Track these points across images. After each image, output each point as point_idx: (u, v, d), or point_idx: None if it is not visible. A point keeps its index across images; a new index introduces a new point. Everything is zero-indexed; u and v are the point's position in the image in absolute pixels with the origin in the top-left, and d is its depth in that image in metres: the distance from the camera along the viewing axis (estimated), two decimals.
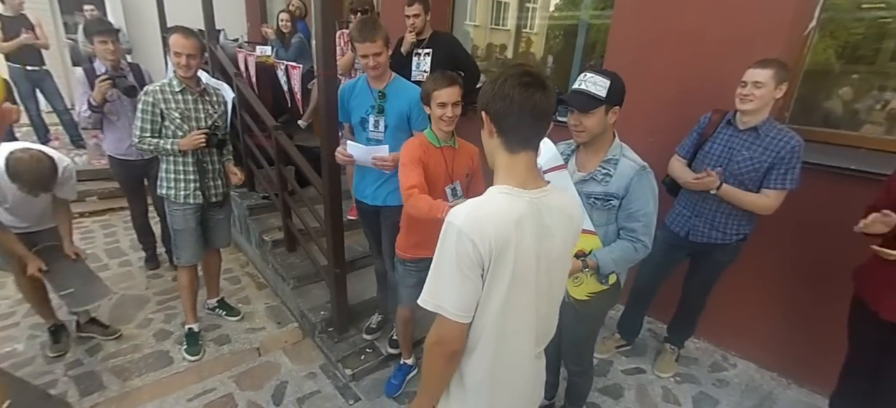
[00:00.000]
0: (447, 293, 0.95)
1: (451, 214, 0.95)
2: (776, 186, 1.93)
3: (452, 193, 1.93)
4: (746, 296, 2.52)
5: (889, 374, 1.80)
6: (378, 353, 2.61)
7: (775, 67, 1.88)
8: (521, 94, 0.93)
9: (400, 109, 2.17)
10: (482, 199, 0.98)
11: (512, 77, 0.94)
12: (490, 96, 0.97)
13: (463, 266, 0.93)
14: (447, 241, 0.94)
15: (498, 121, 0.98)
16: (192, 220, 2.43)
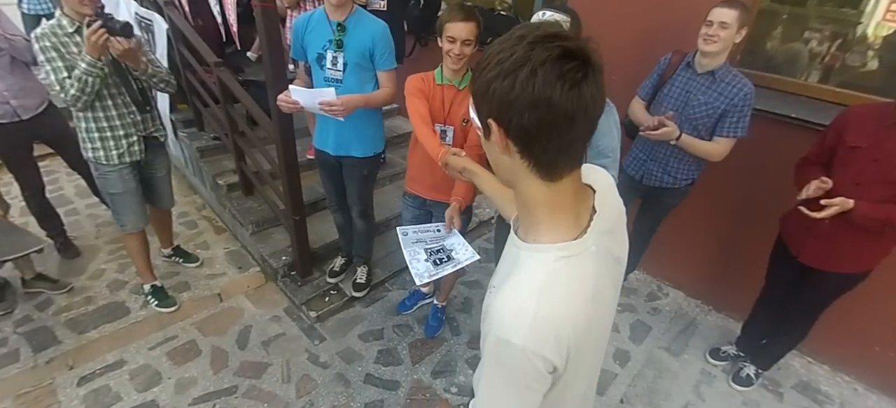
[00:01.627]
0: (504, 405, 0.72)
1: (500, 320, 0.66)
2: (728, 134, 1.97)
3: (441, 137, 1.86)
4: (683, 232, 2.72)
5: (794, 308, 2.07)
6: (342, 294, 2.70)
7: (740, 9, 1.85)
8: (567, 96, 0.56)
9: (361, 44, 1.96)
10: (537, 282, 0.65)
11: (546, 65, 0.55)
12: (506, 98, 0.58)
13: (533, 382, 0.68)
14: (506, 364, 0.67)
15: (527, 140, 0.61)
16: (132, 180, 2.21)
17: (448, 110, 1.86)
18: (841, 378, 2.43)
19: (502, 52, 0.58)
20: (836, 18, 2.39)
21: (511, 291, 0.66)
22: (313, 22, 2.00)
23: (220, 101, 2.78)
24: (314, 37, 2.00)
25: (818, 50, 2.44)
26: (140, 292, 2.58)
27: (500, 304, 0.66)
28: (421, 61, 3.66)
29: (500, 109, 0.59)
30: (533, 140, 0.61)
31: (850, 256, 1.80)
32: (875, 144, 1.65)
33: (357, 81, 2.02)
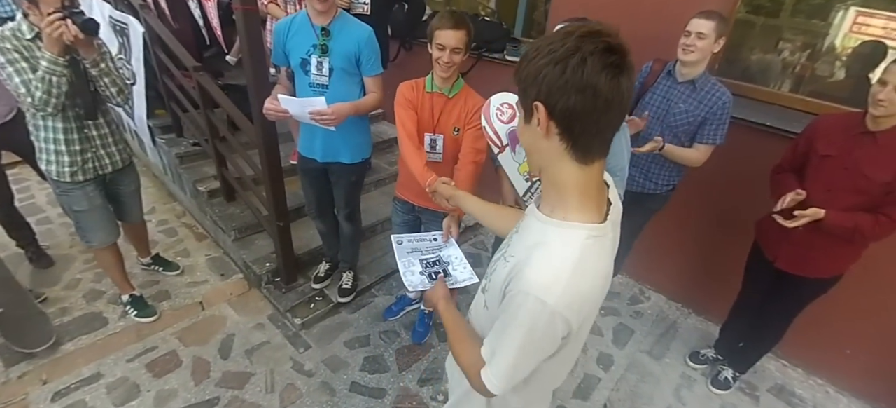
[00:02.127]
0: (515, 374, 0.82)
1: (533, 281, 0.73)
2: (707, 141, 2.02)
3: (430, 145, 1.86)
4: (665, 236, 2.78)
5: (770, 311, 2.13)
6: (328, 301, 2.68)
7: (717, 19, 1.89)
8: (609, 84, 0.64)
9: (347, 49, 1.92)
10: (571, 255, 0.73)
11: (594, 55, 0.64)
12: (556, 83, 0.66)
13: (548, 345, 0.78)
14: (531, 321, 0.74)
15: (570, 121, 0.68)
16: (98, 196, 2.11)
17: (437, 119, 1.84)
18: (814, 381, 2.51)
19: (553, 43, 0.66)
20: (806, 30, 2.48)
21: (547, 259, 0.74)
22: (296, 26, 1.94)
23: (201, 106, 2.72)
24: (297, 41, 1.94)
25: (790, 60, 2.54)
26: (118, 302, 2.52)
27: (537, 268, 0.74)
28: (406, 66, 3.66)
29: (550, 91, 0.67)
30: (574, 122, 0.68)
31: (823, 261, 1.86)
32: (844, 152, 1.71)
33: (344, 87, 2.00)
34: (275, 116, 1.89)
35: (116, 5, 2.90)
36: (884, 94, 1.54)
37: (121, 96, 2.05)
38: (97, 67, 1.91)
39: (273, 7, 2.86)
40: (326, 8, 1.86)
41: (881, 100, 1.55)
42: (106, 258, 2.32)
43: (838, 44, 2.38)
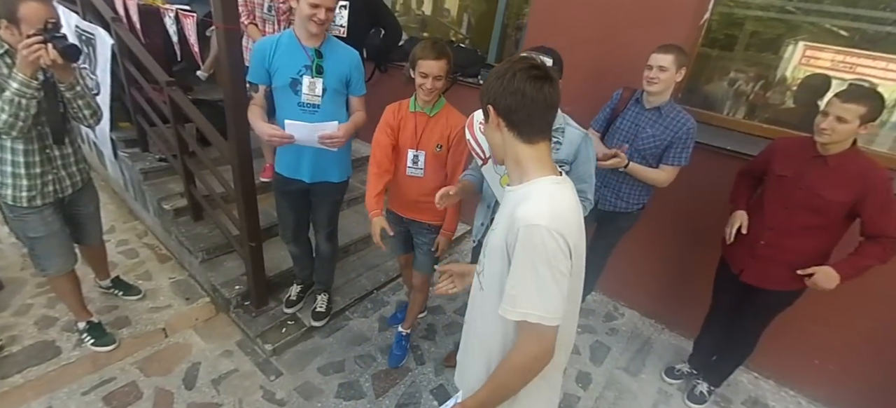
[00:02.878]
0: (547, 300, 0.91)
1: (525, 216, 0.92)
2: (672, 163, 2.13)
3: (412, 161, 1.98)
4: (636, 254, 2.85)
5: (739, 324, 2.22)
6: (300, 325, 2.58)
7: (675, 53, 2.02)
8: (532, 88, 0.94)
9: (340, 71, 1.97)
10: (546, 192, 0.96)
11: (520, 71, 0.95)
12: (498, 91, 0.97)
13: (559, 265, 0.91)
14: (535, 244, 0.90)
15: (509, 115, 0.98)
16: (56, 220, 1.96)
17: (420, 137, 1.96)
18: (786, 392, 2.61)
19: (499, 68, 0.99)
20: (759, 62, 2.69)
21: (528, 203, 0.94)
22: (283, 46, 1.93)
23: (171, 120, 2.62)
24: (286, 61, 1.93)
25: (745, 90, 2.74)
26: (73, 330, 2.33)
27: (524, 210, 0.93)
28: (380, 87, 3.67)
29: (494, 96, 0.99)
30: (512, 114, 0.98)
31: (787, 276, 1.96)
32: (799, 174, 1.85)
33: (334, 106, 2.03)
34: (280, 142, 1.90)
35: (84, 16, 2.78)
36: (826, 123, 1.70)
37: (93, 118, 1.94)
38: (72, 90, 1.81)
39: (252, 28, 2.83)
40: (322, 31, 1.88)
41: (824, 129, 1.71)
42: (62, 285, 2.15)
43: (789, 75, 2.59)
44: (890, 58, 2.24)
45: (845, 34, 2.38)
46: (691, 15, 2.39)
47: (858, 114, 1.64)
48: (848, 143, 1.74)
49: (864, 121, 1.65)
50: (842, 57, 2.38)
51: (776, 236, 1.93)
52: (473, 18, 4.19)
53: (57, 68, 1.67)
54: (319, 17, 1.80)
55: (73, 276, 2.17)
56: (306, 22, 1.82)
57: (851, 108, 1.64)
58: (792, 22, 2.50)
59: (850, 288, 2.22)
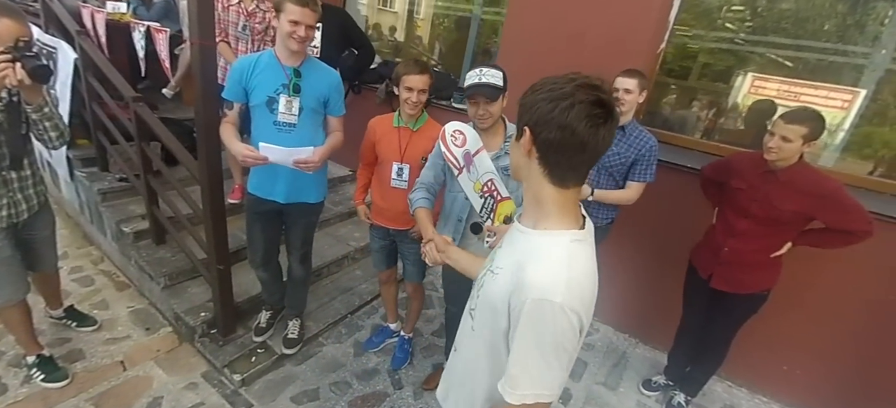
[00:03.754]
0: (549, 381, 0.81)
1: (537, 285, 0.78)
2: (639, 179, 2.24)
3: (397, 174, 2.05)
4: (608, 270, 2.89)
5: (711, 332, 2.30)
6: (271, 352, 2.45)
7: (638, 77, 2.16)
8: (587, 131, 0.76)
9: (319, 91, 1.97)
10: (562, 254, 0.81)
11: (582, 105, 0.75)
12: (544, 117, 0.78)
13: (567, 343, 0.79)
14: (545, 323, 0.77)
15: (548, 151, 0.81)
16: (8, 247, 1.84)
17: (404, 150, 2.03)
18: (759, 399, 2.70)
19: (556, 83, 0.79)
20: (712, 90, 2.90)
21: (541, 264, 0.81)
22: (262, 65, 1.91)
23: (136, 138, 2.50)
24: (263, 80, 1.91)
25: (700, 115, 2.95)
26: (21, 365, 2.12)
27: (534, 274, 0.79)
28: (353, 108, 3.65)
29: (537, 121, 0.79)
30: (551, 152, 0.81)
31: (751, 278, 2.08)
32: (753, 187, 1.99)
33: (310, 126, 2.01)
34: (253, 162, 1.85)
35: (47, 29, 2.65)
36: (773, 142, 1.86)
37: (59, 140, 1.82)
38: (40, 112, 1.70)
39: (223, 46, 2.78)
40: (302, 49, 1.88)
41: (771, 148, 1.87)
42: (12, 316, 1.97)
43: (740, 102, 2.81)
44: (830, 87, 2.48)
45: (790, 65, 2.63)
46: (649, 44, 2.57)
47: (801, 134, 1.79)
48: (795, 159, 1.89)
49: (806, 140, 1.81)
50: (787, 86, 2.61)
51: (738, 243, 2.06)
52: (445, 46, 4.30)
53: (25, 88, 1.58)
54: (299, 35, 1.80)
55: (24, 305, 2.00)
56: (286, 39, 1.82)
57: (794, 128, 1.80)
58: (740, 54, 2.73)
59: (813, 298, 2.40)
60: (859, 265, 2.26)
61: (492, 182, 1.69)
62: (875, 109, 2.39)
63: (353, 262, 3.40)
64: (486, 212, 1.73)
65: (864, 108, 2.38)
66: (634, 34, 2.55)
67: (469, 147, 1.70)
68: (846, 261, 2.23)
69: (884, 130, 2.41)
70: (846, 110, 2.44)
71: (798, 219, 1.94)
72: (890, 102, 2.37)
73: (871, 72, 2.34)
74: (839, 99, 2.45)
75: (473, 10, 3.73)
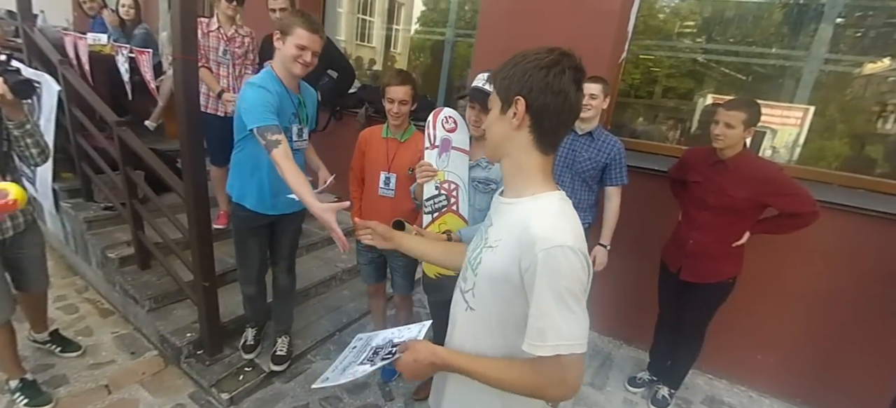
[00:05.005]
0: (574, 326, 0.79)
1: (547, 236, 0.80)
2: (615, 183, 2.36)
3: (385, 183, 2.11)
4: None
5: (686, 323, 2.39)
6: (259, 371, 2.44)
7: (602, 83, 2.30)
8: (575, 95, 0.83)
9: (310, 112, 2.07)
10: (558, 208, 0.85)
11: (571, 70, 0.81)
12: (539, 84, 0.81)
13: (582, 288, 0.81)
14: (560, 268, 0.78)
15: (541, 116, 0.84)
16: None
17: (392, 160, 2.09)
18: (738, 389, 2.77)
19: (539, 54, 0.83)
20: (675, 107, 3.13)
21: (543, 218, 0.83)
22: (281, 97, 1.86)
23: (120, 164, 2.56)
24: (282, 108, 1.87)
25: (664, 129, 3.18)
26: (4, 390, 2.08)
27: (540, 228, 0.81)
28: (335, 136, 3.76)
29: (532, 89, 0.82)
30: (545, 118, 0.84)
31: (716, 267, 2.20)
32: (707, 179, 2.14)
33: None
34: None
35: (30, 63, 2.72)
36: (718, 129, 2.02)
37: (41, 157, 1.85)
38: (21, 129, 1.73)
39: (204, 72, 2.86)
40: (305, 73, 1.86)
41: (717, 135, 2.03)
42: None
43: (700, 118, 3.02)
44: (784, 105, 2.69)
45: (743, 77, 2.83)
46: (610, 53, 2.74)
47: (741, 119, 1.96)
48: (740, 146, 2.04)
49: (747, 125, 1.97)
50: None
51: (701, 235, 2.18)
52: (421, 72, 4.47)
53: (6, 104, 1.61)
54: (305, 60, 1.79)
55: (9, 327, 1.99)
56: (291, 63, 1.80)
57: (735, 114, 1.97)
58: (698, 74, 2.97)
59: (782, 287, 2.52)
60: (813, 253, 2.41)
61: (456, 188, 1.66)
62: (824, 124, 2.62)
63: (341, 282, 3.42)
64: (430, 207, 1.69)
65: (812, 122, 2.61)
66: (596, 45, 2.72)
67: (454, 138, 1.68)
68: (801, 250, 2.40)
69: (833, 144, 2.64)
70: (799, 126, 2.66)
71: (751, 206, 2.07)
72: (836, 117, 2.61)
73: (809, 74, 2.56)
74: (793, 117, 2.67)
75: (446, 34, 3.91)
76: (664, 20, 2.98)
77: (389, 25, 4.63)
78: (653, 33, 3.00)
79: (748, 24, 2.78)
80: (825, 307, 2.46)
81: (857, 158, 2.59)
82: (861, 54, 2.52)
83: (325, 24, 4.29)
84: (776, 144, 2.78)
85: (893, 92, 2.49)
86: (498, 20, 3.04)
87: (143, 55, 2.46)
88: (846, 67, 2.55)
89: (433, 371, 0.97)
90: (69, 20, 5.33)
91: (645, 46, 3.02)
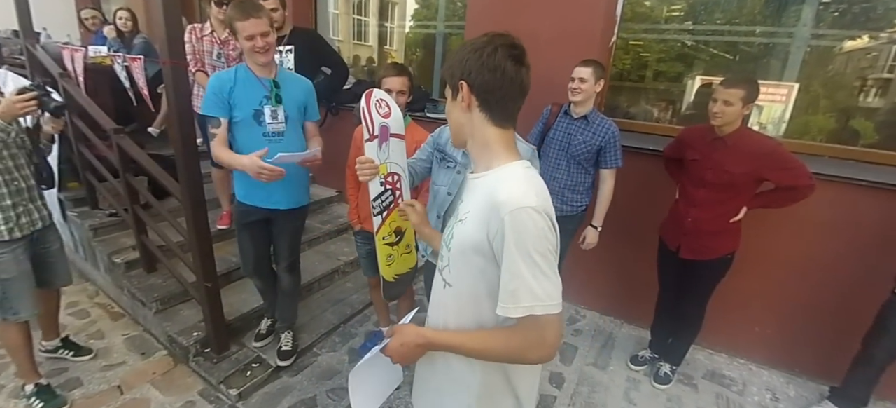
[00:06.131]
0: (546, 285, 0.82)
1: (511, 199, 0.83)
2: (611, 166, 2.38)
3: None
4: (589, 259, 2.98)
5: (685, 298, 2.40)
6: (266, 366, 2.50)
7: (594, 66, 2.31)
8: (513, 68, 0.88)
9: (298, 98, 2.07)
10: (522, 174, 0.89)
11: (502, 47, 0.87)
12: (475, 65, 0.88)
13: (550, 248, 0.84)
14: (526, 228, 0.81)
15: (484, 94, 0.90)
16: (25, 260, 1.97)
17: None
18: (738, 362, 2.79)
19: (475, 41, 0.90)
20: (667, 89, 3.12)
21: (508, 184, 0.87)
22: (241, 80, 1.98)
23: (120, 171, 2.62)
24: (245, 94, 1.98)
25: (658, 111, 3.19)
26: (20, 396, 2.16)
27: (505, 193, 0.84)
28: (333, 131, 3.80)
29: (470, 71, 0.89)
30: (489, 94, 0.90)
31: (714, 244, 2.21)
32: (705, 156, 2.14)
33: (295, 133, 2.12)
34: (270, 177, 1.89)
35: (32, 78, 2.80)
36: (717, 108, 2.02)
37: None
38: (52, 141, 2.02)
39: (201, 75, 2.91)
40: (269, 58, 1.96)
41: (716, 113, 2.03)
42: (16, 337, 2.04)
43: (692, 99, 3.01)
44: (772, 83, 2.69)
45: (730, 57, 2.83)
46: (600, 37, 2.75)
47: (740, 96, 1.95)
48: (738, 123, 2.04)
49: (745, 102, 1.96)
50: None
51: (699, 212, 2.18)
52: (416, 65, 4.50)
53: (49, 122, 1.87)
54: (259, 45, 1.87)
55: (27, 329, 2.09)
56: (251, 54, 1.92)
57: (733, 91, 1.96)
58: (689, 57, 2.97)
59: (777, 260, 2.53)
60: (805, 225, 2.42)
61: (399, 179, 1.52)
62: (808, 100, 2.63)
63: (344, 275, 3.48)
64: (379, 206, 1.54)
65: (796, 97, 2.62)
66: (585, 29, 2.73)
67: (391, 124, 1.51)
68: (795, 221, 2.40)
69: (817, 118, 2.65)
70: (784, 103, 2.66)
71: (749, 181, 2.07)
72: (820, 92, 2.61)
73: (798, 49, 2.56)
74: (778, 94, 2.68)
75: (437, 27, 3.94)
76: (652, 7, 2.99)
77: (384, 23, 4.66)
78: (642, 19, 3.01)
79: (733, 6, 2.78)
80: (820, 277, 2.46)
81: (843, 130, 2.60)
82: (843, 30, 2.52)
83: (318, 24, 4.32)
84: (762, 121, 2.79)
85: (873, 67, 2.51)
86: (485, 10, 3.06)
87: (135, 62, 2.52)
88: (831, 42, 2.55)
89: (422, 352, 1.00)
90: (72, 36, 5.42)
91: (634, 32, 3.02)
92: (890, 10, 2.40)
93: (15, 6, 2.82)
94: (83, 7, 4.97)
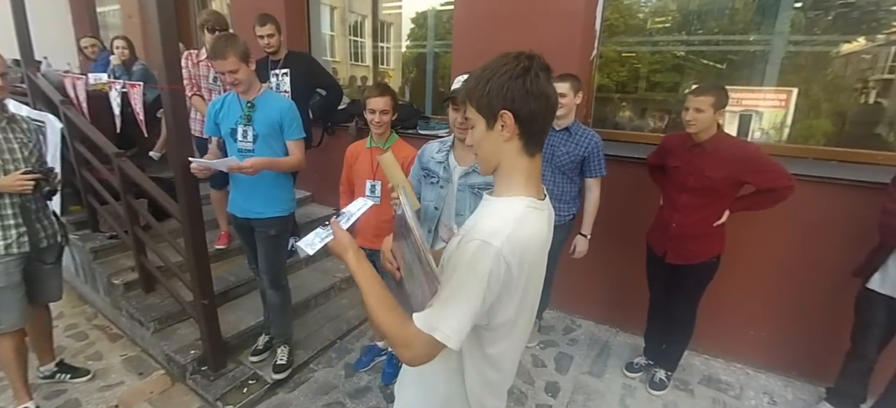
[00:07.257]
0: (456, 318, 0.82)
1: (482, 232, 0.82)
2: (595, 175, 2.43)
3: (370, 190, 2.22)
4: (581, 270, 2.98)
5: (676, 305, 2.43)
6: (262, 382, 2.52)
7: (570, 80, 2.36)
8: (553, 92, 0.85)
9: (270, 118, 2.18)
10: (514, 214, 0.86)
11: (543, 71, 0.83)
12: (519, 93, 0.82)
13: (492, 288, 0.83)
14: (479, 262, 0.81)
15: (531, 123, 0.85)
16: (17, 273, 2.03)
17: (376, 168, 2.18)
18: (734, 366, 2.79)
19: (507, 64, 0.84)
20: (663, 99, 3.18)
21: (494, 217, 0.86)
22: (227, 103, 2.25)
23: (121, 192, 2.69)
24: (227, 114, 2.24)
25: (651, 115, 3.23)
26: None
27: (486, 223, 0.85)
28: (330, 151, 3.87)
29: (514, 100, 0.83)
30: (533, 124, 0.86)
31: (699, 248, 2.24)
32: (686, 162, 2.19)
33: (267, 151, 2.21)
34: (200, 173, 2.14)
35: (35, 105, 2.90)
36: (689, 116, 2.09)
37: None
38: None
39: (197, 100, 3.01)
40: (244, 89, 2.15)
41: (689, 120, 2.09)
42: (7, 348, 2.08)
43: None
44: (764, 89, 2.74)
45: (722, 66, 2.90)
46: (580, 52, 2.83)
47: (710, 102, 2.02)
48: (713, 129, 2.10)
49: (716, 108, 2.03)
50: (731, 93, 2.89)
51: (683, 217, 2.23)
52: (410, 85, 4.61)
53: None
54: (228, 80, 2.10)
55: (21, 339, 2.13)
56: (229, 86, 2.19)
57: (703, 98, 2.03)
58: (683, 67, 3.04)
59: (769, 263, 2.56)
60: (793, 226, 2.45)
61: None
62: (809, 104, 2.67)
63: (340, 291, 3.50)
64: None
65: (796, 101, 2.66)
66: (566, 45, 2.82)
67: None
68: (781, 224, 2.44)
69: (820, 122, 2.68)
70: (785, 107, 2.70)
71: (729, 185, 2.12)
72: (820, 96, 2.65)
73: (777, 54, 2.63)
74: (776, 99, 2.72)
75: (428, 46, 4.05)
76: (643, 19, 3.07)
77: (379, 44, 4.79)
78: (633, 31, 3.09)
79: (714, 16, 2.85)
80: (810, 278, 2.48)
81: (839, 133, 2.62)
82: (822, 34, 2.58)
83: (313, 46, 4.44)
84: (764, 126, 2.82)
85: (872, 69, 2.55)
86: (470, 28, 3.16)
87: (133, 89, 2.62)
88: (812, 47, 2.62)
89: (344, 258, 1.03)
90: (72, 64, 5.58)
91: (626, 44, 3.10)
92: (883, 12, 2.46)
93: (16, 36, 2.94)
94: (82, 35, 5.12)
